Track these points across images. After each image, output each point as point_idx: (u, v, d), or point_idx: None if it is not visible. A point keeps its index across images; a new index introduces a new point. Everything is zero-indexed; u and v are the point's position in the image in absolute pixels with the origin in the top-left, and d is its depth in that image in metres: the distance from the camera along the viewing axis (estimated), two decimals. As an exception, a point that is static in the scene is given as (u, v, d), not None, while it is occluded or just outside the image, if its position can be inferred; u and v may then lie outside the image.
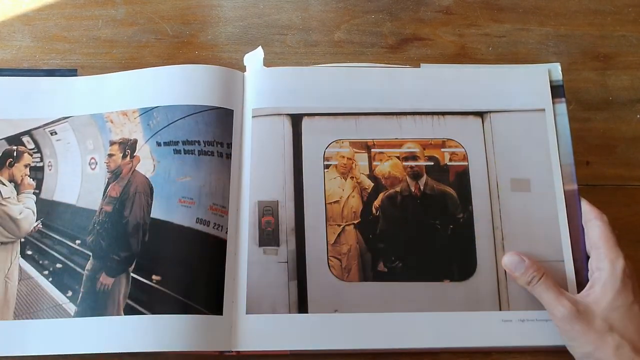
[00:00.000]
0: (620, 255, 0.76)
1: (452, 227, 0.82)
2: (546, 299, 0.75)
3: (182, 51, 0.99)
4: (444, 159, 0.85)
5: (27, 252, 0.82)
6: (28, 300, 0.79)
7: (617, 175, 0.92)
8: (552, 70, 0.89)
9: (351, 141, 0.85)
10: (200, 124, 0.84)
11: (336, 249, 0.80)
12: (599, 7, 1.03)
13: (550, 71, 0.89)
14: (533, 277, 0.77)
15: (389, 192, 0.83)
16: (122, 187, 0.83)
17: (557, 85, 0.89)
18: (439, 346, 0.77)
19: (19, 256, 0.82)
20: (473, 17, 1.02)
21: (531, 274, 0.77)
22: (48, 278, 0.80)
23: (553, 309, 0.74)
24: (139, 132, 0.86)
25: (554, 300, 0.74)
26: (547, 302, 0.75)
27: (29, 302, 0.78)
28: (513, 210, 0.82)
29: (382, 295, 0.79)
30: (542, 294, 0.76)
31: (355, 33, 1.01)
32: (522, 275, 0.77)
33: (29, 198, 0.84)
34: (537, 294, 0.76)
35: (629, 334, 0.72)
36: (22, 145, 0.87)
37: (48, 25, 0.99)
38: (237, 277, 0.79)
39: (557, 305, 0.74)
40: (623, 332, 0.71)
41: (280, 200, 0.82)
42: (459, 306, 0.79)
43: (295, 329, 0.77)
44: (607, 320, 0.72)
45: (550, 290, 0.75)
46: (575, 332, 0.72)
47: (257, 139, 0.85)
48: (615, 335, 0.71)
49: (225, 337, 0.76)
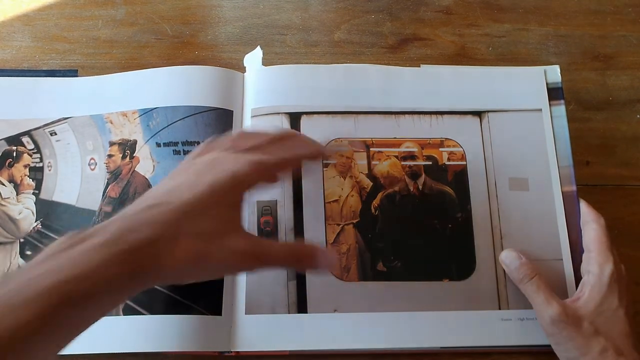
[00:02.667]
0: (610, 259, 0.76)
1: (451, 226, 0.82)
2: (536, 300, 0.76)
3: (182, 51, 0.98)
4: (442, 158, 0.85)
5: (26, 253, 0.82)
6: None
7: (617, 175, 0.91)
8: (550, 72, 0.90)
9: (350, 140, 0.85)
10: (200, 125, 0.84)
11: (335, 248, 0.80)
12: (599, 7, 1.03)
13: (548, 73, 0.90)
14: (524, 275, 0.77)
15: (387, 191, 0.83)
16: (122, 188, 0.83)
17: (556, 87, 0.89)
18: (438, 345, 0.77)
19: (19, 256, 0.82)
20: (473, 17, 1.02)
21: (523, 272, 0.77)
22: (47, 279, 0.80)
23: (542, 311, 0.74)
24: (138, 132, 0.86)
25: (543, 301, 0.75)
26: (537, 304, 0.75)
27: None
28: (512, 210, 0.83)
29: (382, 294, 0.79)
30: (532, 295, 0.76)
31: (355, 33, 1.01)
32: (515, 271, 0.78)
33: (28, 198, 0.85)
34: (528, 293, 0.77)
35: (613, 337, 0.72)
36: (22, 146, 0.87)
37: (48, 25, 0.99)
38: (236, 277, 0.79)
39: (546, 307, 0.74)
40: (607, 336, 0.71)
41: (279, 199, 0.82)
42: (458, 305, 0.79)
43: (294, 329, 0.77)
44: (594, 324, 0.72)
45: (540, 292, 0.75)
46: (563, 337, 0.72)
47: (256, 139, 0.84)
48: (600, 339, 0.71)
49: (224, 337, 0.76)
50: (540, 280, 0.76)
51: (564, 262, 0.80)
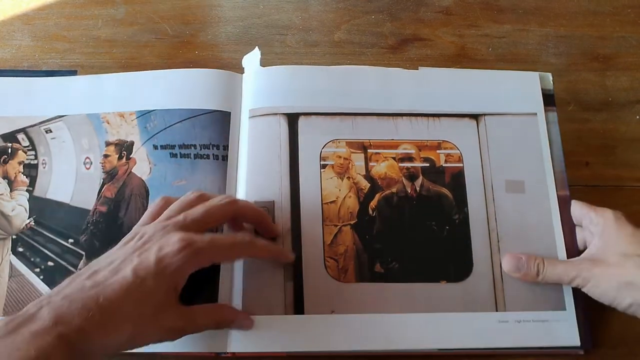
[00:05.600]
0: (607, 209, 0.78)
1: (448, 228, 0.82)
2: (560, 272, 0.76)
3: (182, 51, 0.99)
4: (439, 160, 0.85)
5: (18, 249, 0.82)
6: (18, 297, 0.78)
7: (616, 176, 0.92)
8: (543, 78, 0.90)
9: (348, 141, 0.85)
10: (197, 128, 0.85)
11: (333, 249, 0.80)
12: (599, 8, 1.03)
13: (542, 79, 0.90)
14: (538, 265, 0.77)
15: (385, 193, 0.83)
16: (118, 189, 0.83)
17: (548, 95, 0.89)
18: (435, 347, 0.77)
19: (10, 253, 0.82)
20: (473, 17, 1.02)
21: (534, 263, 0.77)
22: (39, 275, 0.80)
23: (570, 272, 0.75)
24: (135, 134, 0.86)
25: (565, 267, 0.76)
26: (562, 273, 0.76)
27: (19, 298, 0.78)
28: (508, 212, 0.82)
29: (379, 296, 0.79)
30: (553, 273, 0.77)
31: (355, 33, 1.01)
32: (527, 270, 0.78)
33: (21, 195, 0.85)
34: (549, 276, 0.77)
35: None
36: (17, 143, 0.88)
37: (48, 24, 1.00)
38: (233, 278, 0.79)
39: (571, 267, 0.75)
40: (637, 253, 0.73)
41: (276, 200, 0.81)
42: (455, 307, 0.78)
43: (291, 331, 0.76)
44: (619, 253, 0.73)
45: (558, 265, 0.77)
46: (597, 276, 0.73)
47: (253, 140, 0.85)
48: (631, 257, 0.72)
49: (220, 338, 0.75)
50: (548, 259, 0.78)
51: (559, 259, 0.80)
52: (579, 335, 0.77)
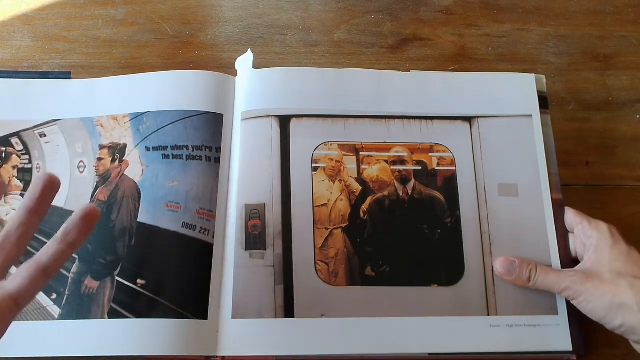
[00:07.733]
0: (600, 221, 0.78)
1: (440, 231, 0.82)
2: (551, 281, 0.76)
3: (182, 51, 0.99)
4: (432, 163, 0.84)
5: (12, 254, 0.82)
6: (12, 301, 0.79)
7: (616, 175, 0.91)
8: (538, 81, 0.90)
9: (340, 144, 0.85)
10: (190, 129, 0.85)
11: (324, 252, 0.80)
12: (599, 7, 1.02)
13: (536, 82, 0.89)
14: (530, 270, 0.77)
15: (377, 196, 0.83)
16: (110, 191, 0.84)
17: (542, 97, 0.89)
18: (426, 351, 0.77)
19: (4, 257, 0.82)
20: (473, 17, 1.02)
21: (527, 268, 0.77)
22: (34, 280, 0.80)
23: (562, 283, 0.75)
24: (128, 136, 0.86)
25: (558, 277, 0.76)
26: (554, 282, 0.76)
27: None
28: (501, 215, 0.82)
29: (370, 299, 0.78)
30: (545, 281, 0.76)
31: (355, 33, 1.01)
32: (519, 274, 0.78)
33: (15, 200, 0.85)
34: (541, 283, 0.77)
35: (637, 272, 0.73)
36: (11, 147, 0.88)
37: (48, 25, 1.00)
38: (223, 281, 0.79)
39: (564, 278, 0.75)
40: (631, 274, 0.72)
41: (267, 203, 0.81)
42: (446, 311, 0.78)
43: (281, 334, 0.76)
44: (613, 271, 0.73)
45: (550, 273, 0.76)
46: (589, 292, 0.73)
47: (245, 142, 0.85)
48: (625, 277, 0.72)
49: (210, 341, 0.76)
50: (541, 266, 0.78)
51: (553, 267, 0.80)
52: (572, 340, 0.77)
